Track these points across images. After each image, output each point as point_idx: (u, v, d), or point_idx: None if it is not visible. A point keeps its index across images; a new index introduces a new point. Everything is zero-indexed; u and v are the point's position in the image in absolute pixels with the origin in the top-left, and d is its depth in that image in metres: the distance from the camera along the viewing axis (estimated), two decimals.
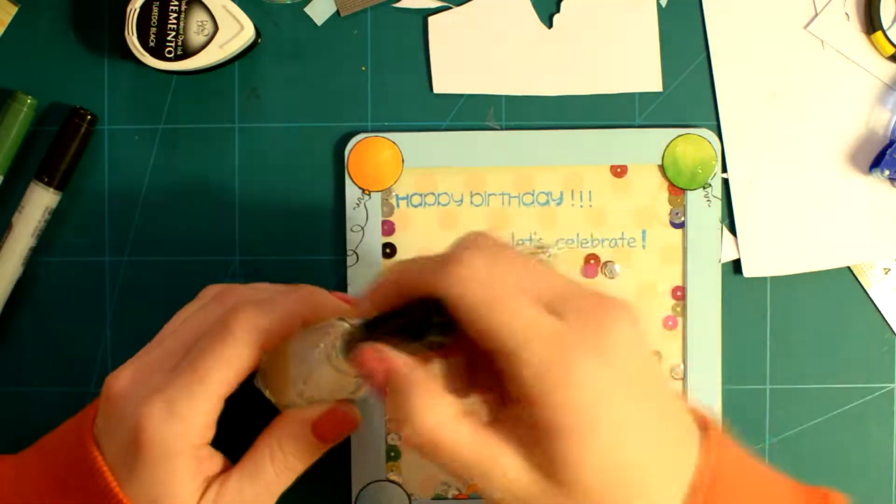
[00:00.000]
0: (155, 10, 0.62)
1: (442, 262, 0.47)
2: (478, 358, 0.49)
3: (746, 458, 0.50)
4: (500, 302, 0.45)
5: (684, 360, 0.65)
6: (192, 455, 0.52)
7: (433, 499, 0.66)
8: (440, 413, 0.46)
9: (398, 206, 0.66)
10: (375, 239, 0.65)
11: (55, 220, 0.66)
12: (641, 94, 0.66)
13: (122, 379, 0.53)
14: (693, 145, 0.65)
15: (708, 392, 0.65)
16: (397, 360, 0.47)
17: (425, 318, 0.48)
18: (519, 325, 0.45)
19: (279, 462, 0.54)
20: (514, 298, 0.46)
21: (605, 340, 0.45)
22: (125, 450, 0.52)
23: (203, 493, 0.53)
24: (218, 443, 0.54)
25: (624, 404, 0.46)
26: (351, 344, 0.50)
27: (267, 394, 0.55)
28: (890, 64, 0.65)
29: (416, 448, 0.46)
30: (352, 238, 0.65)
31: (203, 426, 0.52)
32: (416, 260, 0.50)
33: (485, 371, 0.49)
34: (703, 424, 0.49)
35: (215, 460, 0.54)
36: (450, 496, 0.66)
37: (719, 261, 0.65)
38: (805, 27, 0.65)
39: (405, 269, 0.50)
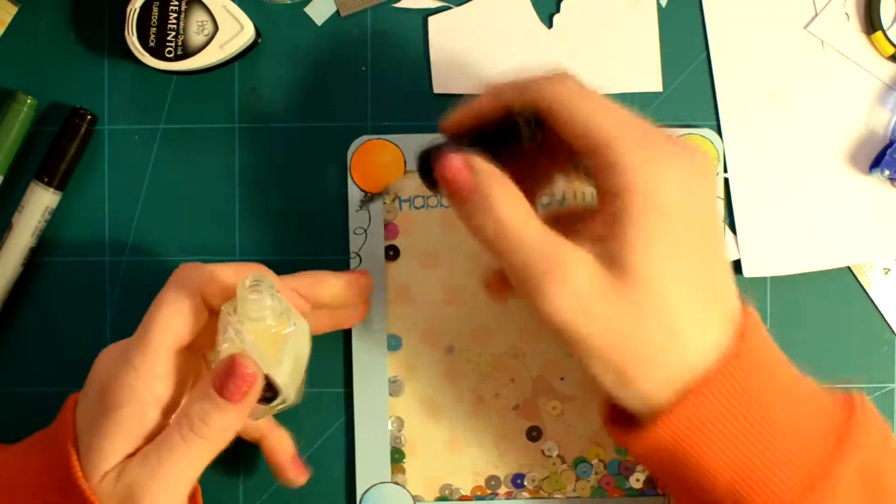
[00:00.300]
0: (155, 10, 0.62)
1: (544, 76, 0.54)
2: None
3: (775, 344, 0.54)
4: (601, 104, 0.52)
5: None
6: (135, 413, 0.53)
7: (437, 500, 0.66)
8: (521, 208, 0.51)
9: (401, 208, 0.66)
10: (378, 241, 0.65)
11: (55, 220, 0.66)
12: (641, 94, 0.66)
13: (105, 350, 0.56)
14: None
15: None
16: (483, 161, 0.52)
17: (522, 123, 0.53)
18: (619, 121, 0.51)
19: (184, 425, 0.52)
20: (613, 106, 0.52)
21: (691, 162, 0.51)
22: (93, 402, 0.54)
23: (127, 455, 0.53)
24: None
25: (698, 220, 0.51)
26: (434, 153, 0.54)
27: None
28: (890, 64, 0.65)
29: (491, 241, 0.51)
30: (354, 240, 0.65)
31: (152, 375, 0.53)
32: (510, 79, 0.55)
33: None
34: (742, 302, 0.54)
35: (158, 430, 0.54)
36: (454, 498, 0.66)
37: None
38: (805, 27, 0.65)
39: (505, 82, 0.55)
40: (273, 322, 0.53)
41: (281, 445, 0.63)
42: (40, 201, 0.65)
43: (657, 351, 0.50)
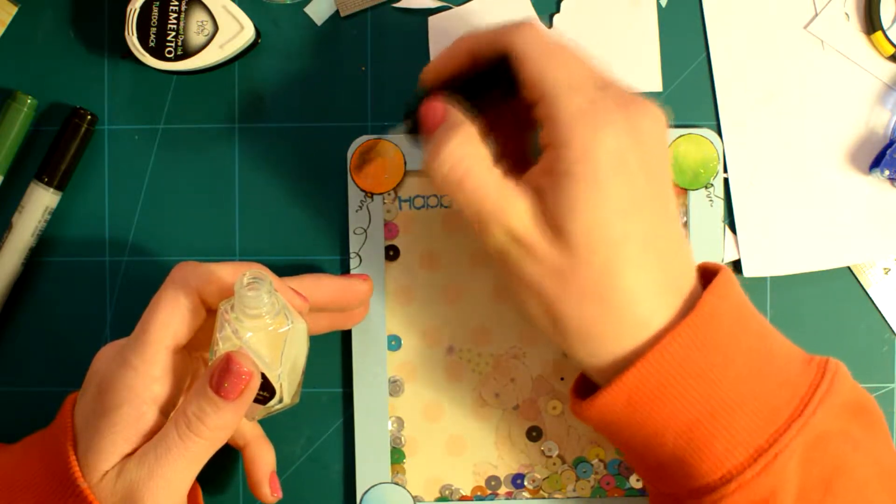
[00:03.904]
0: (155, 10, 0.62)
1: (510, 24, 0.55)
2: (513, 132, 0.60)
3: (750, 309, 0.54)
4: (557, 56, 0.53)
5: None
6: (134, 412, 0.53)
7: (437, 500, 0.66)
8: (477, 152, 0.53)
9: (401, 208, 0.66)
10: (378, 242, 0.65)
11: (55, 220, 0.66)
12: (641, 94, 0.66)
13: (103, 349, 0.57)
14: (695, 145, 0.65)
15: None
16: (454, 107, 0.55)
17: (491, 72, 0.55)
18: (568, 76, 0.52)
19: (181, 424, 0.52)
20: (570, 59, 0.53)
21: (634, 122, 0.52)
22: (91, 402, 0.54)
23: (126, 455, 0.53)
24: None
25: (635, 180, 0.51)
26: (416, 101, 0.56)
27: None
28: (890, 64, 0.65)
29: (444, 177, 0.53)
30: (354, 240, 0.65)
31: (150, 375, 0.53)
32: (484, 27, 0.57)
33: (515, 142, 0.60)
34: (715, 268, 0.54)
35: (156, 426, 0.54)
36: (454, 498, 0.66)
37: (722, 260, 0.65)
38: (805, 27, 0.65)
39: (477, 32, 0.57)
40: (270, 320, 0.53)
41: (262, 458, 0.62)
42: (40, 201, 0.65)
43: (591, 307, 0.52)
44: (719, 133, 0.65)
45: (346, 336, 0.66)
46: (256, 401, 0.54)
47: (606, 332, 0.52)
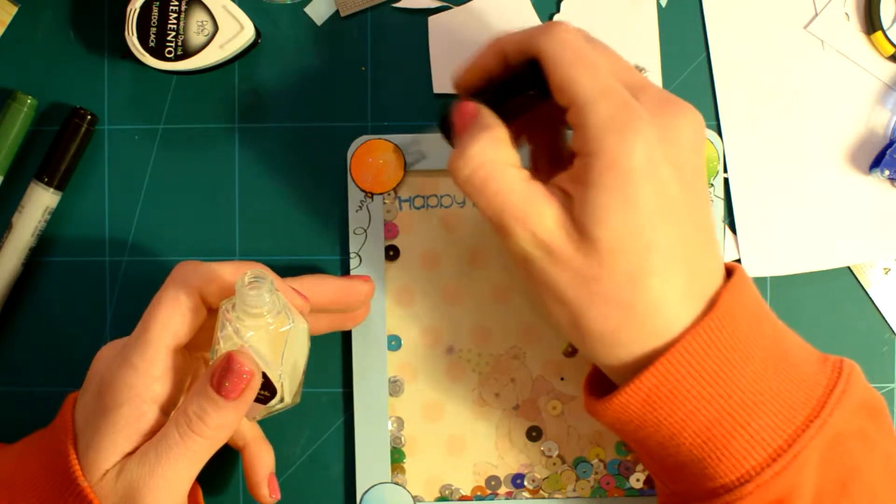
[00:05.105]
0: (155, 10, 0.62)
1: (540, 27, 0.54)
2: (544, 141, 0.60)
3: (765, 309, 0.55)
4: (586, 61, 0.52)
5: None
6: (135, 411, 0.53)
7: (437, 500, 0.66)
8: (502, 155, 0.53)
9: (401, 208, 0.66)
10: (378, 241, 0.65)
11: (55, 220, 0.66)
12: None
13: (103, 349, 0.57)
14: None
15: None
16: (485, 108, 0.54)
17: (521, 76, 0.54)
18: (597, 83, 0.51)
19: (182, 423, 0.52)
20: (601, 64, 0.52)
21: (669, 126, 0.51)
22: (92, 401, 0.54)
23: (126, 454, 0.53)
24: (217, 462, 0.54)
25: (666, 188, 0.51)
26: (449, 105, 0.56)
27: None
28: (890, 64, 0.65)
29: (466, 179, 0.52)
30: (354, 240, 0.65)
31: (151, 374, 0.53)
32: (511, 32, 0.56)
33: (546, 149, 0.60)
34: (731, 268, 0.54)
35: (156, 425, 0.54)
36: (454, 498, 0.66)
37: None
38: (805, 27, 0.65)
39: (507, 34, 0.56)
40: (272, 320, 0.53)
41: (261, 459, 0.62)
42: (40, 201, 0.65)
43: (615, 313, 0.51)
44: (719, 133, 0.65)
45: (346, 336, 0.66)
46: (257, 400, 0.54)
47: (629, 337, 0.51)
